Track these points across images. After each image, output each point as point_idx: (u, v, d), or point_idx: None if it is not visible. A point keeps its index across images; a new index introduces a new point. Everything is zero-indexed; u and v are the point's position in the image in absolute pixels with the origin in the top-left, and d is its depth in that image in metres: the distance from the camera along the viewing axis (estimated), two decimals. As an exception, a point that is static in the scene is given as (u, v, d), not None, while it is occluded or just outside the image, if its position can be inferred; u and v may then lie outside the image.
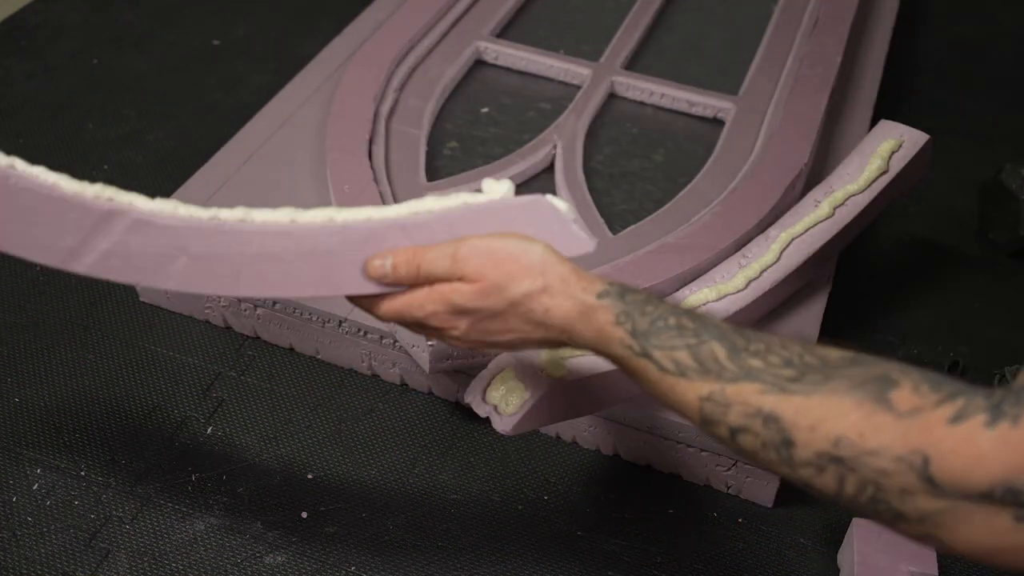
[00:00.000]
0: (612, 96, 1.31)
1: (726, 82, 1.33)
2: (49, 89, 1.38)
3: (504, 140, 1.23)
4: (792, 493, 0.92)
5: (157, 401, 0.98)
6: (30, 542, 0.85)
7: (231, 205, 0.68)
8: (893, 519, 0.51)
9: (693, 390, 0.56)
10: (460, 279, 0.63)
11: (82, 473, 0.91)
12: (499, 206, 0.64)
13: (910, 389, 0.51)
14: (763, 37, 1.40)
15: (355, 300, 0.68)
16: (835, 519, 0.91)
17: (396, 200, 1.08)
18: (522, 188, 1.16)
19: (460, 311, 0.63)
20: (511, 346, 0.65)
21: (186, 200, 1.06)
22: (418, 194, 1.09)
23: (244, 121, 1.21)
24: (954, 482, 0.48)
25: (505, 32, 1.42)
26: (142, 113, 1.35)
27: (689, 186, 1.12)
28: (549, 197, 0.64)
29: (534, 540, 0.88)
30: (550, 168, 1.18)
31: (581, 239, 0.64)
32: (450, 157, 1.20)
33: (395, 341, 0.95)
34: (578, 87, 1.31)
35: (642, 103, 1.31)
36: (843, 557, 0.86)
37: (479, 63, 1.36)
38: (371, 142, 1.14)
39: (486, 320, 0.63)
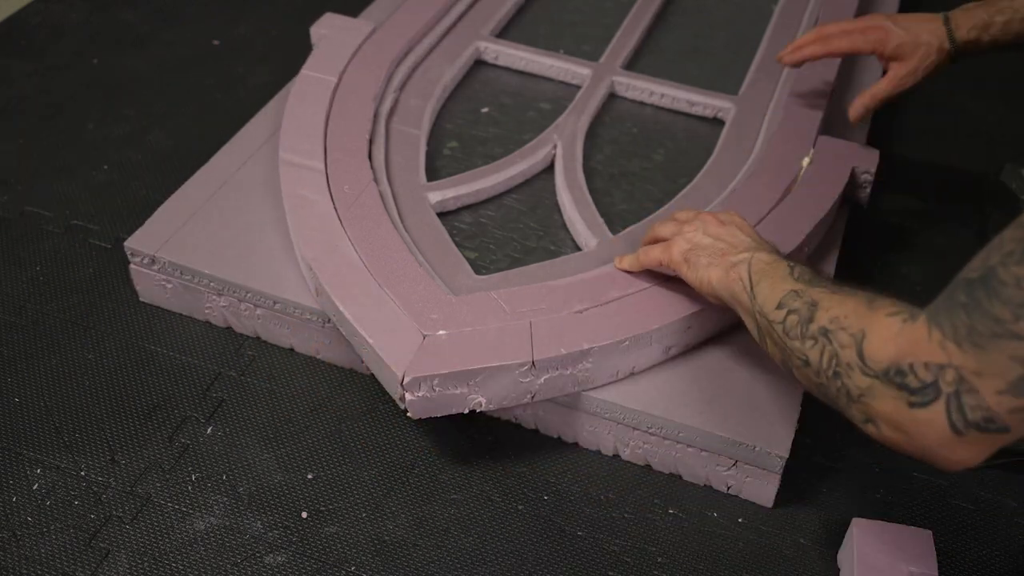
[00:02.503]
0: (612, 96, 1.31)
1: (726, 82, 1.33)
2: (49, 89, 1.39)
3: (504, 140, 1.23)
4: (792, 494, 0.92)
5: (157, 401, 0.98)
6: (30, 542, 0.85)
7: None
8: (847, 400, 0.66)
9: (788, 283, 0.76)
10: None
11: (82, 473, 0.91)
12: None
13: (889, 299, 0.67)
14: (763, 37, 1.40)
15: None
16: (835, 519, 0.91)
17: (396, 200, 1.08)
18: (523, 188, 1.16)
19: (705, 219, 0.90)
20: (721, 231, 0.88)
21: (185, 199, 1.07)
22: (418, 194, 1.09)
23: (244, 121, 1.21)
24: (872, 358, 0.63)
25: (505, 32, 1.42)
26: (142, 113, 1.35)
27: (689, 186, 1.12)
28: None
29: (534, 540, 0.88)
30: (550, 168, 1.18)
31: None
32: (450, 157, 1.20)
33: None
34: (578, 87, 1.31)
35: (642, 103, 1.31)
36: (843, 557, 0.86)
37: (479, 63, 1.36)
38: (371, 142, 1.14)
39: (715, 223, 0.89)
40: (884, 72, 1.09)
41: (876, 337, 0.63)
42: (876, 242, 1.22)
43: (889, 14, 1.08)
